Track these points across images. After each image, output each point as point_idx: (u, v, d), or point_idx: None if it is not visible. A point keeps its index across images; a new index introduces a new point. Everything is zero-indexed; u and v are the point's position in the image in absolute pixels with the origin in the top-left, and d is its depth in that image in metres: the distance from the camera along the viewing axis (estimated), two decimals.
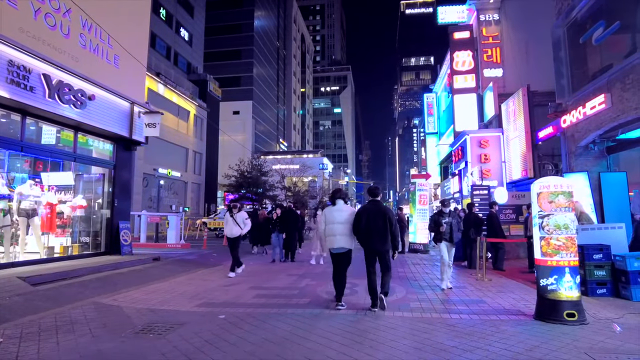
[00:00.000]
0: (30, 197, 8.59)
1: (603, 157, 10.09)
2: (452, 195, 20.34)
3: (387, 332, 4.50)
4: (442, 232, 7.24)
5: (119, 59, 10.20)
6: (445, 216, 7.33)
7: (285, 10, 75.69)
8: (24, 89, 7.46)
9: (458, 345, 4.03)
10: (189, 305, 5.81)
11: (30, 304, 5.67)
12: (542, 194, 5.11)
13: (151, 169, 28.58)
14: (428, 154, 30.37)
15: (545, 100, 12.60)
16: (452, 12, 24.07)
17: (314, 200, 42.36)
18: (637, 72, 7.88)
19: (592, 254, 6.49)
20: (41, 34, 7.93)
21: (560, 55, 10.92)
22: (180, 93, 32.50)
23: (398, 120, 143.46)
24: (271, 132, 65.28)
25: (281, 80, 72.60)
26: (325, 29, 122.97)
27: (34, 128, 9.03)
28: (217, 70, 49.44)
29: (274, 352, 3.83)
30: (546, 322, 4.81)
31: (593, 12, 9.62)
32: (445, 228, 7.21)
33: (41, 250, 8.73)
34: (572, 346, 3.98)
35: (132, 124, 10.70)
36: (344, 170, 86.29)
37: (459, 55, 19.14)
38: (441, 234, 7.26)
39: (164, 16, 34.30)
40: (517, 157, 14.61)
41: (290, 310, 5.49)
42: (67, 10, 8.55)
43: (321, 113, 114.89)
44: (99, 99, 9.48)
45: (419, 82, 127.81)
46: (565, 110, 10.62)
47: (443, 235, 7.23)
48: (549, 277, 4.93)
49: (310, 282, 7.78)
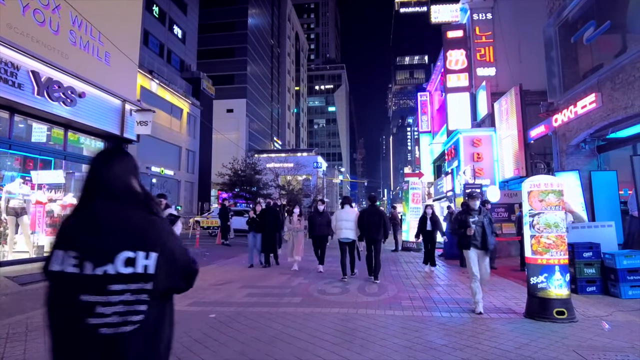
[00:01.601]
0: (19, 195, 8.49)
1: (594, 156, 10.17)
2: (445, 193, 20.42)
3: (378, 330, 4.50)
4: (471, 236, 5.52)
5: (110, 57, 10.10)
6: (474, 214, 5.64)
7: (280, 8, 75.42)
8: (11, 86, 7.36)
9: (448, 343, 4.04)
10: (180, 304, 5.77)
11: (18, 303, 5.61)
12: (532, 192, 5.14)
13: (144, 167, 28.38)
14: (422, 152, 30.43)
15: (537, 99, 12.66)
16: (445, 11, 24.06)
17: (308, 199, 42.37)
18: (627, 71, 7.94)
19: (582, 252, 6.55)
20: (30, 30, 7.83)
21: (551, 54, 10.98)
22: (174, 91, 32.28)
23: (392, 119, 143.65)
24: (265, 131, 65.10)
25: (275, 78, 72.40)
26: (319, 28, 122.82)
27: (23, 126, 8.92)
28: (210, 68, 49.15)
29: (263, 352, 3.82)
30: (536, 320, 4.85)
31: (584, 12, 9.68)
32: (475, 230, 5.51)
33: (30, 250, 8.63)
34: (561, 344, 4.00)
35: (124, 121, 10.61)
36: (338, 168, 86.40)
37: (452, 54, 19.18)
38: (468, 238, 5.54)
39: (157, 13, 34.03)
40: (510, 155, 14.69)
41: (282, 309, 5.48)
42: (56, 6, 8.45)
43: (315, 111, 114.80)
44: (90, 96, 9.38)
45: (413, 81, 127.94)
46: (557, 109, 10.68)
47: (472, 239, 5.52)
48: (539, 275, 4.96)
49: (302, 281, 7.76)
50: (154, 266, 1.32)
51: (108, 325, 1.25)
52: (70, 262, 1.29)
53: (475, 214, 5.62)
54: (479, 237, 5.48)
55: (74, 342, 1.27)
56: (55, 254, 1.33)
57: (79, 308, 1.25)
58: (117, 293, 1.26)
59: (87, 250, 1.29)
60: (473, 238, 5.49)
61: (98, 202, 1.39)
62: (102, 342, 1.25)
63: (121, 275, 1.27)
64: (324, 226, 9.04)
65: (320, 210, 9.37)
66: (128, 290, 1.27)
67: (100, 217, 1.35)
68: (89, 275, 1.26)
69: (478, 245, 5.50)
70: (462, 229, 5.61)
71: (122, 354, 1.26)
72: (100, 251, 1.29)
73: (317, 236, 9.17)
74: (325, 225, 9.03)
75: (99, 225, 1.34)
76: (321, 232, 9.08)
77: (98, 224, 1.34)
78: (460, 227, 5.68)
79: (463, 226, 5.62)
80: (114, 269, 1.27)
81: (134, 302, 1.28)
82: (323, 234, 9.12)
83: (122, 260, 1.28)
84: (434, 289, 7.07)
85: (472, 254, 5.52)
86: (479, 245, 5.50)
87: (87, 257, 1.28)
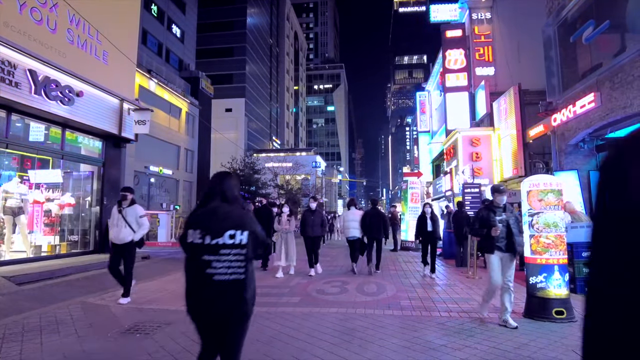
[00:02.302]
0: (17, 194, 8.45)
1: (592, 155, 10.17)
2: (443, 193, 20.42)
3: (377, 330, 4.48)
4: (494, 237, 4.70)
5: (108, 55, 10.06)
6: (498, 211, 4.86)
7: (279, 7, 75.33)
8: (8, 85, 7.32)
9: (447, 343, 4.02)
10: (178, 304, 5.73)
11: (14, 303, 5.57)
12: (531, 192, 5.12)
13: (142, 166, 28.29)
14: (420, 152, 30.42)
15: (536, 99, 12.66)
16: (444, 11, 24.06)
17: (307, 199, 42.33)
18: (626, 71, 7.93)
19: (580, 252, 6.53)
20: (27, 28, 7.79)
21: (550, 54, 10.97)
22: (172, 90, 32.19)
23: (391, 119, 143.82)
24: (264, 130, 65.02)
25: (274, 78, 72.32)
26: (318, 27, 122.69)
27: (20, 125, 8.88)
28: (209, 68, 49.08)
29: (262, 352, 3.79)
30: (535, 320, 4.83)
31: (583, 11, 9.67)
32: (501, 230, 4.70)
33: (28, 249, 8.59)
34: (560, 344, 3.99)
35: (122, 121, 10.57)
36: (337, 168, 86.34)
37: (451, 54, 19.17)
38: (492, 240, 4.72)
39: (156, 12, 33.96)
40: (509, 155, 14.69)
41: (280, 309, 5.45)
42: (53, 4, 8.41)
43: (314, 111, 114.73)
44: (88, 95, 9.34)
45: (412, 81, 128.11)
46: (556, 108, 10.68)
47: (496, 241, 4.71)
48: (538, 275, 4.94)
49: (301, 281, 7.74)
50: (246, 239, 2.23)
51: (218, 274, 2.17)
52: (197, 236, 2.21)
53: (499, 212, 4.82)
54: (504, 238, 4.70)
55: (199, 284, 2.21)
56: (188, 232, 2.26)
57: (201, 263, 2.18)
58: (225, 255, 2.18)
59: (207, 229, 2.21)
60: (497, 239, 4.69)
61: (215, 202, 2.33)
62: (215, 285, 2.17)
63: (227, 244, 2.19)
64: (317, 226, 8.51)
65: (313, 208, 8.75)
66: (230, 254, 2.19)
67: (215, 210, 2.30)
68: (207, 244, 2.19)
69: (503, 247, 4.69)
70: (485, 228, 4.79)
71: (225, 293, 2.18)
72: (215, 230, 2.21)
73: (309, 237, 8.56)
74: (319, 225, 8.52)
75: (215, 215, 2.28)
76: (314, 233, 8.50)
77: (214, 214, 2.28)
78: (482, 227, 4.85)
79: (486, 225, 4.78)
80: (223, 240, 2.19)
81: (234, 261, 2.19)
82: (316, 234, 8.56)
83: (228, 235, 2.20)
84: (433, 288, 7.05)
85: (495, 258, 4.71)
86: (504, 247, 4.69)
87: (207, 233, 2.20)
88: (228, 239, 2.19)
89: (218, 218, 2.25)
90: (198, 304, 2.24)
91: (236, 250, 2.19)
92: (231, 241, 2.19)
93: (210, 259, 2.16)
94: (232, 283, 2.18)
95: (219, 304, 2.19)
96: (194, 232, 2.23)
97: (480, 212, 5.05)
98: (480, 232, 4.88)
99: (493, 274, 4.69)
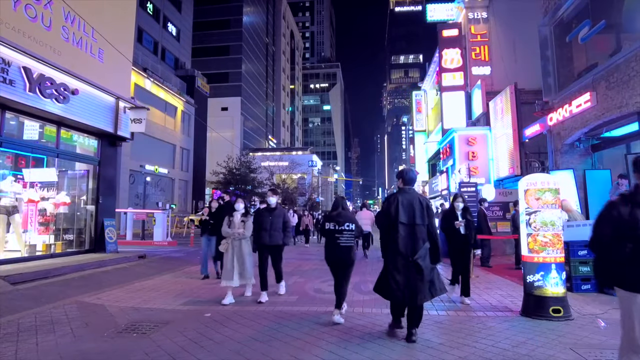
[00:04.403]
0: (11, 193, 8.37)
1: (588, 154, 10.23)
2: (440, 192, 20.46)
3: (375, 329, 4.47)
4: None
5: (104, 53, 9.98)
6: None
7: (275, 6, 75.15)
8: (2, 82, 7.24)
9: (445, 342, 4.03)
10: (175, 303, 5.71)
11: (9, 303, 5.52)
12: (529, 191, 5.14)
13: (138, 165, 28.18)
14: (416, 151, 30.50)
15: (532, 98, 12.72)
16: (440, 10, 24.08)
17: (303, 198, 42.29)
18: (621, 71, 7.98)
19: (577, 250, 6.55)
20: (21, 25, 7.71)
21: (547, 53, 11.02)
22: (168, 89, 32.08)
23: (387, 118, 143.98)
24: (260, 129, 64.90)
25: (270, 76, 72.17)
26: (314, 26, 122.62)
27: (15, 123, 8.79)
28: (205, 66, 48.92)
29: (260, 351, 3.78)
30: (532, 318, 4.85)
31: (579, 11, 9.72)
32: None
33: (22, 249, 8.51)
34: (557, 342, 4.00)
35: (117, 119, 10.50)
36: (333, 167, 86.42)
37: (447, 53, 19.19)
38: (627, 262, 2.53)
39: (151, 10, 33.78)
40: (505, 154, 14.74)
41: (278, 308, 5.44)
42: (48, 1, 8.33)
43: (310, 110, 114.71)
44: (83, 93, 9.26)
45: (408, 80, 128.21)
46: (552, 108, 10.73)
47: None
48: (535, 273, 4.96)
49: (298, 280, 7.73)
50: (354, 227, 4.82)
51: (342, 242, 4.76)
52: (332, 225, 4.82)
53: None
54: None
55: (333, 246, 4.80)
56: (326, 223, 4.92)
57: (334, 237, 4.79)
58: (346, 233, 4.77)
59: (337, 222, 4.81)
60: None
61: (340, 209, 4.98)
62: (342, 247, 4.77)
63: (345, 229, 4.77)
64: (276, 231, 6.01)
65: (272, 205, 6.20)
66: (347, 233, 4.78)
67: (341, 213, 4.92)
68: (337, 229, 4.78)
69: None
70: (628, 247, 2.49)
71: (347, 251, 4.78)
72: (340, 222, 4.81)
73: (264, 246, 6.03)
74: (279, 230, 6.05)
75: (340, 215, 4.88)
76: (272, 241, 5.99)
77: (339, 215, 4.88)
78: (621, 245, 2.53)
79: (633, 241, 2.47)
80: (343, 227, 4.78)
81: (349, 237, 4.79)
82: (275, 242, 6.02)
83: (346, 225, 4.79)
84: None
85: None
86: None
87: (337, 223, 4.81)
88: (346, 227, 4.77)
89: (341, 217, 4.85)
90: (333, 256, 4.81)
91: (348, 232, 4.77)
92: (348, 227, 4.77)
93: (338, 236, 4.75)
94: (348, 247, 4.77)
95: (342, 256, 4.76)
96: (329, 223, 4.86)
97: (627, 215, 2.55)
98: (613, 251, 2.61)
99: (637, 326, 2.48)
